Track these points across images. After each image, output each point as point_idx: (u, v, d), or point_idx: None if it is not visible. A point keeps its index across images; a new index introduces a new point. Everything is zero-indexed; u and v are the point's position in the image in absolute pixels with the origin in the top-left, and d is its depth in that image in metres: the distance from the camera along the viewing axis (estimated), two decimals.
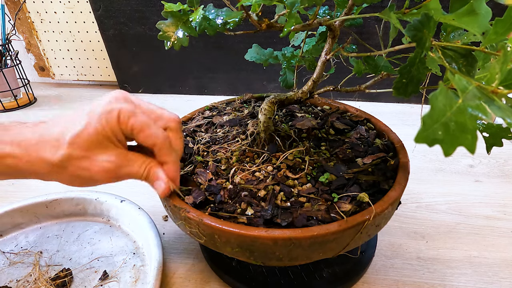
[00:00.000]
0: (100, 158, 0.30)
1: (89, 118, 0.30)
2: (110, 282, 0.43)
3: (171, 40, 0.34)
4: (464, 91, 0.20)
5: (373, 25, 0.81)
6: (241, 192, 0.35)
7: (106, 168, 0.31)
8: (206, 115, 0.51)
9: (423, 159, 0.68)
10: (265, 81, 0.97)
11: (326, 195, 0.34)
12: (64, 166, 0.30)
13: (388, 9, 0.30)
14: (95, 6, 0.91)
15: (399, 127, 0.49)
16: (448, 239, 0.49)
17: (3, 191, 0.62)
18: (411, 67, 0.27)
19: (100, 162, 0.30)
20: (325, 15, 0.40)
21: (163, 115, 0.34)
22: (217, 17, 0.34)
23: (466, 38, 0.30)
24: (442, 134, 0.18)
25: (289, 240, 0.29)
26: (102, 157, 0.30)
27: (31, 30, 1.03)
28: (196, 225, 0.32)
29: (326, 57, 0.39)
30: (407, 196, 0.57)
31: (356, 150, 0.41)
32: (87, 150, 0.30)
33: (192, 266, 0.46)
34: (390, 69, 0.36)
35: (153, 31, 0.93)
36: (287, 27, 0.31)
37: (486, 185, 0.60)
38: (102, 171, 0.31)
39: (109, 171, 0.31)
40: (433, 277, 0.43)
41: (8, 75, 0.92)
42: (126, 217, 0.51)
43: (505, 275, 0.43)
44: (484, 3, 0.25)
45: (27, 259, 0.46)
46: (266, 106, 0.40)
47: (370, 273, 0.44)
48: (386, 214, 0.33)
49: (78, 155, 0.30)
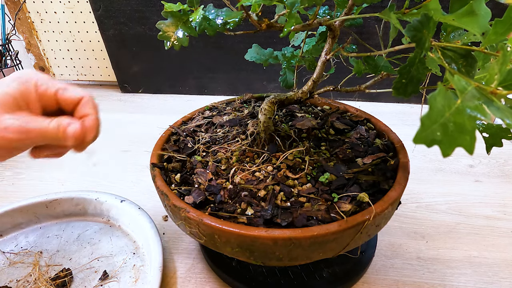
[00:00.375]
0: (6, 117, 0.29)
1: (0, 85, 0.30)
2: (110, 282, 0.43)
3: (171, 40, 0.34)
4: (463, 91, 0.20)
5: (373, 25, 0.81)
6: (241, 192, 0.35)
7: (11, 125, 0.29)
8: (206, 115, 0.51)
9: (423, 159, 0.68)
10: (265, 81, 0.97)
11: (326, 195, 0.34)
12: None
13: (388, 9, 0.30)
14: (95, 6, 0.91)
15: (399, 127, 0.49)
16: (448, 239, 0.49)
17: (3, 191, 0.62)
18: (411, 67, 0.27)
19: (5, 120, 0.29)
20: (325, 15, 0.40)
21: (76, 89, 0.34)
22: (217, 17, 0.34)
23: (466, 39, 0.30)
24: (441, 134, 0.18)
25: (289, 240, 0.29)
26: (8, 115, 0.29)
27: (31, 30, 1.03)
28: (196, 225, 0.32)
29: (326, 57, 0.39)
30: (407, 196, 0.58)
31: (356, 150, 0.41)
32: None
33: (192, 266, 0.46)
34: (390, 69, 0.36)
35: (153, 31, 0.93)
36: (287, 27, 0.31)
37: (486, 185, 0.60)
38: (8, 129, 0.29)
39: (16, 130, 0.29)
40: (433, 277, 0.43)
41: (8, 75, 0.91)
42: (126, 217, 0.51)
43: (505, 275, 0.43)
44: (484, 3, 0.25)
45: (27, 259, 0.46)
46: (266, 106, 0.40)
47: (370, 273, 0.44)
48: (386, 214, 0.33)
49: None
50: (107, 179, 0.65)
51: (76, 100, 0.32)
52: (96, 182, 0.64)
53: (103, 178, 0.65)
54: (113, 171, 0.67)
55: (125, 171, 0.67)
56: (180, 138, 0.46)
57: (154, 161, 0.41)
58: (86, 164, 0.69)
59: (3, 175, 0.67)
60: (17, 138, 0.30)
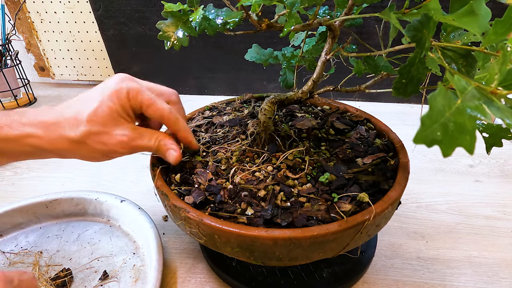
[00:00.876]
0: (116, 132, 0.34)
1: (102, 97, 0.33)
2: (110, 282, 0.43)
3: (171, 40, 0.34)
4: (463, 91, 0.20)
5: (373, 25, 0.81)
6: (241, 192, 0.35)
7: (121, 141, 0.34)
8: (206, 115, 0.51)
9: (423, 159, 0.68)
10: (265, 81, 0.97)
11: (326, 195, 0.34)
12: (83, 142, 0.33)
13: (388, 9, 0.30)
14: (95, 6, 0.91)
15: (399, 127, 0.49)
16: (448, 239, 0.49)
17: (3, 191, 0.62)
18: (411, 67, 0.27)
19: (116, 135, 0.34)
20: (325, 15, 0.40)
21: (163, 90, 0.39)
22: (217, 17, 0.34)
23: (466, 38, 0.30)
24: (441, 134, 0.18)
25: (289, 240, 0.29)
26: (117, 131, 0.34)
27: (31, 30, 1.03)
28: (196, 225, 0.32)
29: (326, 57, 0.39)
30: (407, 196, 0.58)
31: (356, 150, 0.41)
32: (104, 125, 0.33)
33: (192, 266, 0.46)
34: (390, 69, 0.36)
35: (153, 31, 0.93)
36: (287, 27, 0.31)
37: (486, 185, 0.60)
38: (118, 143, 0.34)
39: (124, 143, 0.34)
40: (433, 277, 0.43)
41: (8, 75, 0.92)
42: (126, 217, 0.51)
43: (505, 275, 0.43)
44: (484, 3, 0.25)
45: (27, 259, 0.46)
46: (266, 106, 0.40)
47: (370, 273, 0.44)
48: (386, 214, 0.33)
49: (96, 131, 0.33)
50: (107, 179, 0.65)
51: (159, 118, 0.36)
52: (96, 182, 0.64)
53: (103, 178, 0.65)
54: (113, 171, 0.67)
55: (125, 171, 0.67)
56: None
57: (154, 161, 0.41)
58: (86, 164, 0.69)
59: (3, 175, 0.67)
60: (124, 152, 0.35)
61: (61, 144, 0.33)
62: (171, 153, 0.37)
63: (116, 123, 0.33)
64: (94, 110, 0.33)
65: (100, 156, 0.35)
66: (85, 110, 0.33)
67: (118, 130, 0.34)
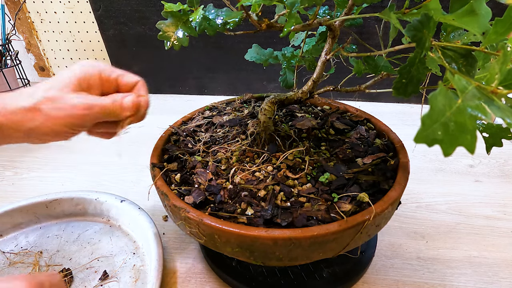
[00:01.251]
0: (71, 95, 0.33)
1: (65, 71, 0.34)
2: (110, 282, 0.43)
3: (171, 40, 0.34)
4: (463, 91, 0.20)
5: (373, 25, 0.81)
6: (241, 192, 0.35)
7: (77, 103, 0.33)
8: (206, 115, 0.51)
9: (423, 159, 0.68)
10: (265, 81, 0.97)
11: (326, 195, 0.34)
12: (38, 109, 0.32)
13: (388, 9, 0.30)
14: (95, 6, 0.91)
15: (399, 127, 0.49)
16: (448, 239, 0.49)
17: (3, 191, 0.62)
18: (411, 67, 0.27)
19: (71, 98, 0.33)
20: (325, 15, 0.40)
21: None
22: (217, 17, 0.34)
23: (466, 38, 0.30)
24: (442, 134, 0.18)
25: (289, 240, 0.29)
26: (73, 95, 0.33)
27: (31, 30, 1.03)
28: (196, 225, 0.32)
29: (326, 57, 0.39)
30: (407, 196, 0.57)
31: (356, 150, 0.41)
32: (60, 90, 0.33)
33: (192, 266, 0.46)
34: (390, 69, 0.36)
35: (153, 31, 0.93)
36: (287, 27, 0.31)
37: (486, 185, 0.60)
38: (74, 107, 0.33)
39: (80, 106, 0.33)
40: (433, 277, 0.43)
41: (8, 75, 0.91)
42: (126, 217, 0.51)
43: (505, 275, 0.43)
44: (484, 3, 0.25)
45: (27, 259, 0.46)
46: (266, 106, 0.40)
47: (370, 273, 0.44)
48: (386, 214, 0.33)
49: (51, 96, 0.33)
50: (107, 179, 0.65)
51: (133, 83, 0.36)
52: (96, 182, 0.64)
53: (103, 178, 0.65)
54: (113, 171, 0.67)
55: (125, 171, 0.67)
56: (180, 138, 0.46)
57: (154, 161, 0.41)
58: (86, 164, 0.69)
59: (3, 175, 0.67)
60: (82, 114, 0.33)
61: (16, 115, 0.32)
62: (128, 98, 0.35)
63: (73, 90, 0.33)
64: (52, 79, 0.34)
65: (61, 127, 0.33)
66: (45, 82, 0.34)
67: (74, 94, 0.33)
